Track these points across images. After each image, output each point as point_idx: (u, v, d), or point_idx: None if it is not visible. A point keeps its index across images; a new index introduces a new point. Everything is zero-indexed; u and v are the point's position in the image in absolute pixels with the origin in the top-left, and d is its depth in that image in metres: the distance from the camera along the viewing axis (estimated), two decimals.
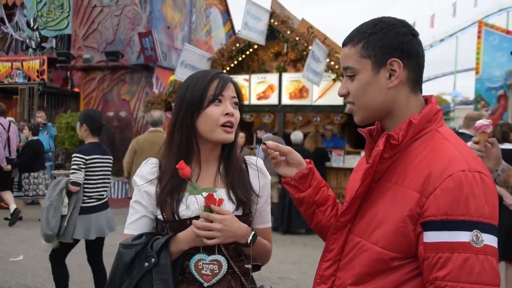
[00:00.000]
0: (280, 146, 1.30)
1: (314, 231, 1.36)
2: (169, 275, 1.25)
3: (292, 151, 1.31)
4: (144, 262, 1.27)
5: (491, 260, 0.93)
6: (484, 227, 0.94)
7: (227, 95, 1.36)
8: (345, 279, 1.11)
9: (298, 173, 1.30)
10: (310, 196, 1.30)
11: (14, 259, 5.17)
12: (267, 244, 1.46)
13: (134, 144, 5.26)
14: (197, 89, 1.35)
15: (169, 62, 12.45)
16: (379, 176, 1.11)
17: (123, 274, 1.29)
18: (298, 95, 8.63)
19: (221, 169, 1.42)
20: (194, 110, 1.34)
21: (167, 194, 1.35)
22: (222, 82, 1.35)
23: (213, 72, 1.39)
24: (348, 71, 1.14)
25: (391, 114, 1.12)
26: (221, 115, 1.33)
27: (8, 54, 13.65)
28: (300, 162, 1.31)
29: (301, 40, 8.17)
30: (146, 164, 1.44)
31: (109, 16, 12.23)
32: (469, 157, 1.01)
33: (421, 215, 0.98)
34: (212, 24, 15.53)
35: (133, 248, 1.30)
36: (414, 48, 1.09)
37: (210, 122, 1.33)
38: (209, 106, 1.33)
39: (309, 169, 1.30)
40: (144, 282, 1.26)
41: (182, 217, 1.32)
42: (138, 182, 1.40)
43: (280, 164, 1.32)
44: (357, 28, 1.14)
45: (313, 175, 1.31)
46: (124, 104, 12.12)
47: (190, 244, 1.30)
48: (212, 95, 1.33)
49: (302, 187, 1.30)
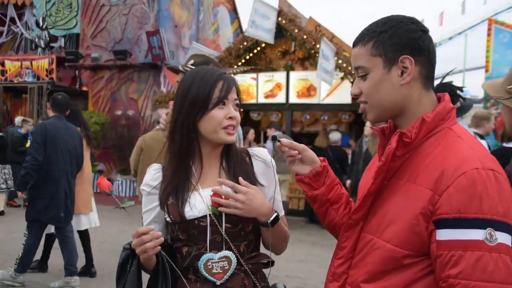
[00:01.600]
0: (294, 143, 1.30)
1: (327, 229, 1.36)
2: (133, 283, 1.34)
3: (306, 148, 1.30)
4: (128, 266, 1.36)
5: (505, 258, 0.93)
6: (498, 225, 0.93)
7: (231, 97, 1.36)
8: (357, 277, 1.11)
9: (312, 170, 1.30)
10: (323, 194, 1.30)
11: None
12: (287, 230, 1.45)
13: (140, 142, 5.28)
14: (202, 89, 1.34)
15: (176, 61, 12.47)
16: (392, 174, 1.11)
17: (120, 273, 1.38)
18: (305, 94, 8.62)
19: (223, 165, 1.43)
20: (199, 111, 1.34)
21: (170, 195, 1.36)
22: (227, 85, 1.35)
23: (217, 72, 1.39)
24: (359, 70, 1.14)
25: (403, 111, 1.12)
26: (224, 118, 1.34)
27: (18, 54, 13.78)
28: (314, 160, 1.31)
29: (308, 39, 8.16)
30: (149, 170, 1.45)
31: (117, 15, 12.29)
32: (482, 155, 1.00)
33: (434, 213, 0.98)
34: (220, 23, 15.54)
35: (125, 251, 1.37)
36: (425, 44, 1.09)
37: (214, 124, 1.34)
38: (214, 109, 1.33)
39: (323, 167, 1.30)
40: (127, 285, 1.35)
41: (189, 218, 1.32)
42: (144, 190, 1.42)
43: (295, 161, 1.32)
44: (366, 28, 1.14)
45: (327, 173, 1.31)
46: (132, 103, 12.18)
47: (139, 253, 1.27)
48: (217, 98, 1.33)
49: (316, 185, 1.30)
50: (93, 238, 6.11)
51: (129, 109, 12.15)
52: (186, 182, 1.36)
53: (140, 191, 6.19)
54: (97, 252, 5.48)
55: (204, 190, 1.36)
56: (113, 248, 5.59)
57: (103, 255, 5.30)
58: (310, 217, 7.83)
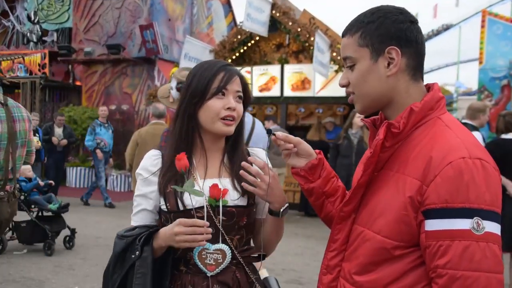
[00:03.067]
0: (290, 137, 1.29)
1: (323, 222, 1.36)
2: (148, 269, 1.27)
3: (301, 141, 1.30)
4: (131, 254, 1.30)
5: (492, 247, 0.93)
6: (485, 214, 0.93)
7: (232, 88, 1.35)
8: (350, 269, 1.12)
9: (307, 163, 1.29)
10: (319, 186, 1.30)
11: (18, 252, 5.20)
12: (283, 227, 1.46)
13: (136, 136, 5.26)
14: (202, 79, 1.35)
15: (170, 55, 12.42)
16: (382, 165, 1.11)
17: (115, 264, 1.33)
18: (300, 87, 8.61)
19: (225, 160, 1.43)
20: (197, 100, 1.35)
21: (169, 183, 1.35)
22: (227, 75, 1.35)
23: (220, 63, 1.39)
24: (347, 61, 1.14)
25: (391, 102, 1.12)
26: (222, 108, 1.33)
27: (10, 48, 13.65)
28: (310, 153, 1.31)
29: (303, 31, 8.13)
30: (148, 156, 1.43)
31: (109, 9, 12.19)
32: (470, 144, 0.99)
33: (422, 203, 0.98)
34: (214, 16, 15.45)
35: (124, 239, 1.33)
36: (413, 35, 1.08)
37: (211, 114, 1.34)
38: (211, 98, 1.34)
39: (318, 159, 1.30)
40: (130, 274, 1.30)
41: (187, 207, 1.32)
42: (141, 174, 1.40)
43: (290, 154, 1.32)
44: (355, 18, 1.14)
45: (322, 166, 1.31)
46: (126, 97, 12.12)
47: (166, 241, 1.29)
48: (216, 88, 1.33)
49: (312, 177, 1.30)
50: (89, 233, 6.12)
51: (123, 104, 12.09)
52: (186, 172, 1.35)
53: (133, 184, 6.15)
54: (93, 247, 5.48)
55: (203, 181, 1.36)
56: (108, 243, 5.58)
57: (98, 250, 5.30)
58: (306, 210, 7.85)
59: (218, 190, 1.30)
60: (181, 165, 1.28)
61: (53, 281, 4.25)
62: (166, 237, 1.28)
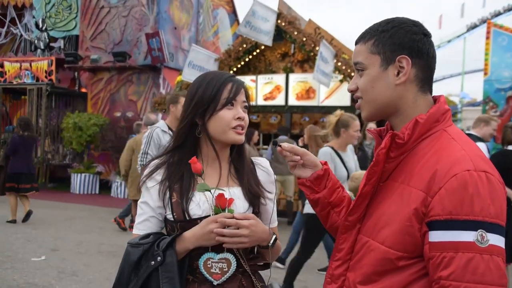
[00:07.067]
0: (296, 148, 1.31)
1: (329, 232, 1.37)
2: (175, 273, 1.26)
3: (307, 152, 1.31)
4: (150, 261, 1.28)
5: (496, 260, 0.93)
6: (490, 227, 0.93)
7: (240, 99, 1.40)
8: (354, 278, 1.12)
9: (313, 174, 1.30)
10: (325, 197, 1.31)
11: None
12: (280, 244, 1.49)
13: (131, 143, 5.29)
14: (210, 90, 1.37)
15: (176, 63, 12.50)
16: (387, 175, 1.12)
17: (131, 273, 1.30)
18: (305, 96, 8.63)
19: (231, 169, 1.45)
20: (205, 110, 1.37)
21: (174, 192, 1.36)
22: (235, 87, 1.39)
23: (226, 74, 1.43)
24: (357, 66, 1.15)
25: (398, 112, 1.13)
26: (233, 119, 1.37)
27: (17, 55, 13.79)
28: (315, 164, 1.32)
29: (308, 41, 8.17)
30: (154, 163, 1.44)
31: (116, 17, 12.31)
32: (475, 157, 1.00)
33: (427, 214, 0.98)
34: (220, 25, 15.56)
35: (140, 247, 1.30)
36: (425, 48, 1.10)
37: (223, 125, 1.37)
38: (222, 109, 1.37)
39: (324, 170, 1.31)
40: (151, 280, 1.27)
41: (193, 217, 1.33)
42: (147, 182, 1.41)
43: (296, 166, 1.33)
44: (369, 27, 1.16)
45: (328, 176, 1.32)
46: (131, 105, 12.19)
47: (195, 243, 1.30)
48: (225, 99, 1.37)
49: (317, 188, 1.31)
50: (91, 240, 6.12)
51: (128, 111, 12.16)
52: (191, 181, 1.37)
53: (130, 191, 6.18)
54: (96, 254, 5.48)
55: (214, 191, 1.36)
56: (111, 250, 5.59)
57: (102, 257, 5.30)
58: None
59: (224, 199, 1.31)
60: (197, 168, 1.31)
61: (56, 287, 4.26)
62: (197, 237, 1.28)
